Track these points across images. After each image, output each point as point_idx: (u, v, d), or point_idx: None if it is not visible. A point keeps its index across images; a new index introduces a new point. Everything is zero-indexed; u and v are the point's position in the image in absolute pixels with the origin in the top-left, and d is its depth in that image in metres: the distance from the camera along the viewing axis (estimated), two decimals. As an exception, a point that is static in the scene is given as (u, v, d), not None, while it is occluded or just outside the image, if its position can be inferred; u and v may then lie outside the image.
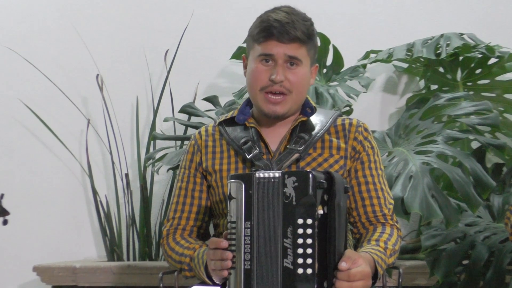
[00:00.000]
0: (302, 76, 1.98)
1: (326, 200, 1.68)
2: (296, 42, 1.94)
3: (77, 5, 3.54)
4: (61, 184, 3.48)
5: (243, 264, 1.69)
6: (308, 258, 1.63)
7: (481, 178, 2.54)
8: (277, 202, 1.68)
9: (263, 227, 1.69)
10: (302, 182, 1.66)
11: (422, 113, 2.93)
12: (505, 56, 3.07)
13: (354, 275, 1.63)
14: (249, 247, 1.69)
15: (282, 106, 1.96)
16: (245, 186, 1.71)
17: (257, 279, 1.68)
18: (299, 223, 1.65)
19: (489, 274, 2.51)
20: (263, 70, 1.96)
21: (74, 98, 3.43)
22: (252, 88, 2.00)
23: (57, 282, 3.03)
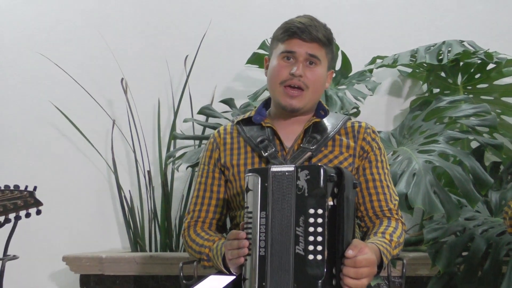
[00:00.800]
0: (319, 75, 2.01)
1: (336, 192, 1.69)
2: (317, 43, 1.98)
3: (104, 14, 3.58)
4: (88, 181, 3.52)
5: (258, 251, 1.70)
6: (318, 246, 1.64)
7: (480, 175, 2.53)
8: (290, 193, 1.70)
9: (277, 217, 1.70)
10: (314, 175, 1.67)
11: (425, 115, 2.92)
12: (503, 62, 3.06)
13: (360, 262, 1.64)
14: (264, 235, 1.70)
15: (299, 101, 1.99)
16: (261, 179, 1.73)
17: (271, 264, 1.69)
18: (311, 213, 1.66)
19: (487, 265, 2.50)
20: (284, 65, 2.00)
21: (100, 100, 3.47)
22: (273, 82, 2.02)
23: (84, 271, 3.06)
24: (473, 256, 2.52)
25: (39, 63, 3.51)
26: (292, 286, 1.66)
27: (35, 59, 3.51)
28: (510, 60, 3.09)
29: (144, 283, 3.02)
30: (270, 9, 3.44)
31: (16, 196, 2.07)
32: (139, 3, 3.58)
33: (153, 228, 3.32)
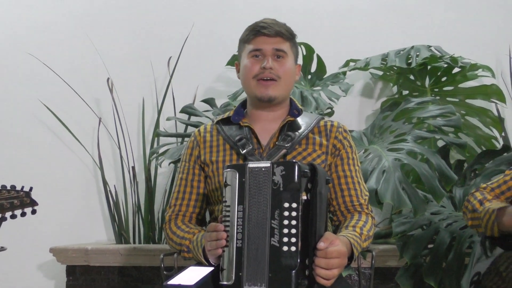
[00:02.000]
0: (288, 66, 2.03)
1: (309, 188, 1.69)
2: (280, 37, 2.01)
3: (91, 16, 3.55)
4: (75, 176, 3.49)
5: (235, 242, 1.69)
6: (293, 238, 1.63)
7: (445, 172, 2.56)
8: (266, 188, 1.69)
9: (253, 210, 1.70)
10: (289, 171, 1.67)
11: (395, 115, 2.94)
12: (467, 66, 3.11)
13: (331, 253, 1.64)
14: (241, 227, 1.70)
15: (273, 89, 1.99)
16: (239, 174, 1.72)
17: (247, 255, 1.68)
18: (285, 207, 1.66)
19: (451, 256, 2.52)
20: (254, 62, 2.02)
21: (87, 99, 3.44)
22: (246, 79, 2.04)
23: (71, 262, 3.04)
24: (438, 248, 2.54)
25: (28, 62, 3.46)
26: (267, 276, 1.65)
27: (25, 59, 3.47)
28: (473, 64, 3.13)
29: (128, 274, 3.00)
30: (250, 13, 3.38)
31: (13, 195, 2.06)
32: (125, 6, 3.56)
33: (137, 221, 3.30)
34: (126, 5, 3.56)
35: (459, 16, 3.37)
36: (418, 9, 3.41)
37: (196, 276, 1.82)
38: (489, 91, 3.17)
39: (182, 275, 1.84)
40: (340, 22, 3.44)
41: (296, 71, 2.10)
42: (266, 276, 1.65)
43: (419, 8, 3.41)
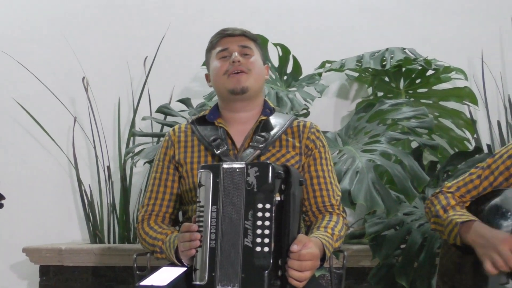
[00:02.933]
0: (256, 61, 2.07)
1: (283, 189, 1.70)
2: (244, 36, 2.07)
3: (67, 15, 3.53)
4: (50, 175, 3.47)
5: (208, 243, 1.70)
6: (266, 238, 1.65)
7: (417, 173, 2.57)
8: (240, 189, 1.70)
9: (227, 211, 1.70)
10: (263, 172, 1.68)
11: (369, 116, 2.95)
12: (440, 69, 3.13)
13: (304, 256, 1.66)
14: (214, 228, 1.70)
15: (245, 80, 2.01)
16: (213, 175, 1.73)
17: (221, 256, 1.69)
18: (259, 207, 1.67)
19: (422, 256, 2.53)
20: (223, 62, 2.05)
21: (62, 98, 3.42)
22: (217, 77, 2.06)
23: (44, 262, 3.02)
24: (410, 249, 2.55)
25: (3, 61, 3.43)
26: (240, 276, 1.66)
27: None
28: (447, 67, 3.16)
29: (102, 274, 3.00)
30: (226, 14, 3.45)
31: None
32: (101, 5, 3.54)
33: (112, 221, 3.29)
34: (102, 4, 3.54)
35: (432, 19, 3.41)
36: (393, 12, 3.44)
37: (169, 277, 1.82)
38: (462, 94, 3.20)
39: (155, 276, 1.84)
40: (316, 23, 3.46)
41: (264, 70, 2.13)
42: (239, 277, 1.66)
43: (394, 11, 3.44)
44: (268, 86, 3.15)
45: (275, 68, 3.32)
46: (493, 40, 3.32)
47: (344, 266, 2.06)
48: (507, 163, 1.87)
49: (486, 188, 1.91)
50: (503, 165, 1.88)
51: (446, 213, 1.90)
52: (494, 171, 1.90)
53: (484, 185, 1.92)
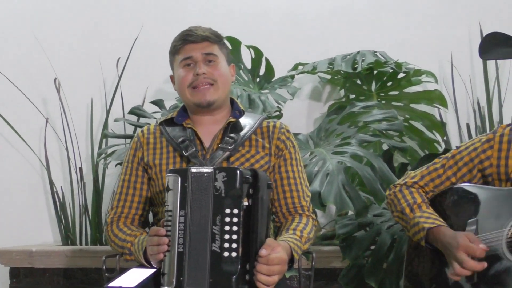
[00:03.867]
0: (221, 69, 2.04)
1: (251, 193, 1.71)
2: (207, 41, 2.03)
3: (38, 15, 3.51)
4: (21, 176, 3.45)
5: (176, 247, 1.71)
6: (233, 243, 1.66)
7: (387, 175, 2.58)
8: (208, 194, 1.71)
9: (195, 216, 1.71)
10: (231, 177, 1.69)
11: (340, 118, 2.96)
12: (411, 72, 3.16)
13: (273, 260, 1.67)
14: (182, 232, 1.71)
15: (210, 94, 2.01)
16: (181, 179, 1.73)
17: (189, 260, 1.70)
18: (227, 213, 1.68)
19: (391, 257, 2.55)
20: (187, 71, 2.03)
21: (34, 99, 3.40)
22: (182, 88, 2.05)
23: (14, 264, 3.00)
24: (379, 249, 2.57)
25: (-27, 62, 3.41)
26: (208, 281, 1.67)
27: (-31, 58, 3.41)
28: (417, 70, 3.19)
29: (74, 276, 2.99)
30: (200, 15, 3.45)
31: None
32: (72, 5, 3.52)
33: (84, 222, 3.28)
34: (74, 4, 3.52)
35: (403, 22, 3.44)
36: (364, 15, 3.46)
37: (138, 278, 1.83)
38: (432, 96, 3.23)
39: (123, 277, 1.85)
40: (289, 26, 3.47)
41: (231, 71, 2.11)
42: (207, 281, 1.68)
43: (366, 14, 3.46)
44: (240, 88, 3.16)
45: (247, 70, 3.33)
46: (462, 44, 3.36)
47: (313, 268, 2.05)
48: (472, 154, 1.90)
49: (449, 177, 1.94)
50: (468, 156, 1.91)
51: (413, 212, 1.92)
52: (458, 162, 1.92)
53: (447, 174, 1.94)
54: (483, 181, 1.90)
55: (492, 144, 1.86)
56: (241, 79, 3.28)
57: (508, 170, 1.82)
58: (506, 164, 1.83)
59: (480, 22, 3.28)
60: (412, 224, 1.91)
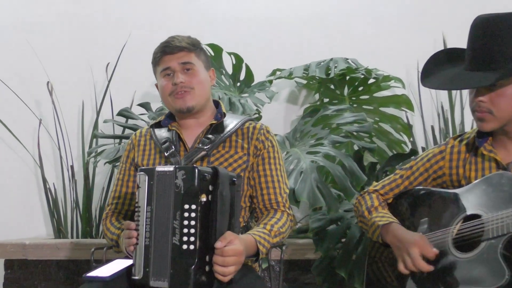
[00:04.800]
0: (199, 76, 2.05)
1: (210, 190, 1.72)
2: (183, 51, 2.04)
3: (31, 21, 3.51)
4: (16, 173, 3.45)
5: (144, 241, 1.74)
6: (191, 237, 1.68)
7: (356, 174, 2.63)
8: (170, 191, 1.73)
9: (159, 211, 1.74)
10: (189, 175, 1.71)
11: (314, 121, 3.00)
12: (380, 78, 3.20)
13: (227, 252, 1.68)
14: (149, 227, 1.74)
15: (189, 99, 2.03)
16: (148, 177, 1.76)
17: (154, 253, 1.72)
18: (185, 208, 1.70)
19: (360, 249, 2.58)
20: (167, 80, 2.05)
21: (28, 101, 3.41)
22: (164, 97, 2.08)
23: (9, 256, 3.00)
24: (349, 242, 2.60)
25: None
26: (169, 272, 1.69)
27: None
28: (386, 76, 3.23)
29: (65, 267, 2.99)
30: (184, 24, 3.47)
31: None
32: (64, 12, 3.52)
33: (75, 217, 3.29)
34: (66, 11, 3.53)
35: (374, 31, 3.47)
36: (337, 25, 3.49)
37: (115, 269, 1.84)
38: (400, 101, 3.27)
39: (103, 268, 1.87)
40: (268, 34, 3.50)
41: (210, 76, 2.13)
42: (168, 272, 1.70)
43: (338, 24, 3.49)
44: (222, 92, 3.19)
45: (228, 75, 3.36)
46: (427, 52, 3.23)
47: (282, 260, 2.06)
48: (426, 165, 1.96)
49: (406, 186, 2.00)
50: (423, 167, 1.97)
51: (370, 214, 1.98)
52: (415, 172, 1.98)
53: (405, 184, 2.00)
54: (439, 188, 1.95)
55: (444, 155, 1.92)
56: (222, 83, 3.30)
57: (459, 178, 1.87)
58: (457, 172, 1.88)
59: (443, 33, 3.34)
60: (370, 224, 1.96)
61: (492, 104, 1.72)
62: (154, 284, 1.72)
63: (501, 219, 1.62)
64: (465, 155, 1.87)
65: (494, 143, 1.81)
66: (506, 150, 1.79)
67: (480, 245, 1.66)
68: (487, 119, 1.74)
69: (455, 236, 1.75)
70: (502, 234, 1.61)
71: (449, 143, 1.93)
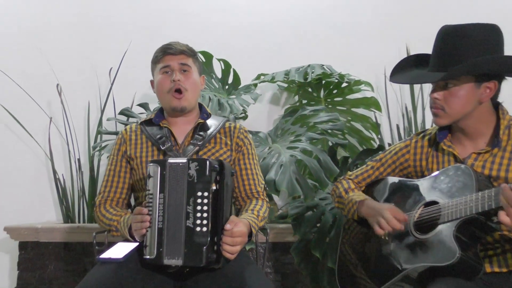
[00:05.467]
0: (193, 78, 2.07)
1: (218, 180, 1.74)
2: (184, 54, 2.06)
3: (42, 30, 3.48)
4: (29, 166, 3.43)
5: (157, 224, 1.74)
6: (204, 220, 1.70)
7: (329, 166, 2.64)
8: (183, 180, 1.74)
9: (172, 198, 1.74)
10: (202, 166, 1.73)
11: (293, 120, 3.01)
12: (352, 82, 3.20)
13: (235, 233, 1.72)
14: (162, 212, 1.74)
15: (184, 100, 2.04)
16: (160, 168, 1.77)
17: (167, 234, 1.73)
18: (198, 195, 1.71)
19: (332, 233, 2.60)
20: (165, 78, 2.06)
21: (39, 101, 3.39)
22: (161, 93, 2.08)
23: (23, 238, 3.01)
24: (323, 227, 2.62)
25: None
26: (183, 251, 1.71)
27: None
28: (357, 81, 3.23)
29: (73, 248, 3.00)
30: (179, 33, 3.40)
31: None
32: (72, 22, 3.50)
33: (81, 204, 3.28)
34: (73, 21, 3.51)
35: (346, 41, 3.48)
36: (314, 35, 3.50)
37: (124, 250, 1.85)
38: (369, 102, 3.29)
39: (112, 250, 1.87)
40: (253, 42, 3.49)
41: (201, 81, 2.14)
42: (182, 251, 1.71)
43: (315, 34, 3.50)
44: (212, 93, 3.18)
45: (218, 79, 3.35)
46: (393, 60, 3.20)
47: (267, 241, 2.10)
48: (393, 158, 1.98)
49: (377, 176, 2.02)
50: (391, 159, 1.98)
51: (347, 194, 2.00)
52: (384, 164, 2.00)
53: (375, 175, 2.02)
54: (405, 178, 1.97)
55: (409, 149, 1.94)
56: (212, 86, 3.29)
57: (422, 169, 1.89)
58: (420, 164, 1.90)
59: (407, 43, 3.35)
60: (347, 202, 1.97)
61: (445, 102, 1.73)
62: (168, 262, 1.73)
63: (455, 205, 1.64)
64: (427, 149, 1.88)
65: (452, 139, 1.82)
66: (463, 145, 1.80)
67: (437, 227, 1.68)
68: (440, 115, 1.75)
69: (416, 219, 1.77)
70: (456, 218, 1.63)
71: (413, 139, 1.94)
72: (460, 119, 1.75)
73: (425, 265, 1.65)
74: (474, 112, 1.73)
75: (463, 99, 1.70)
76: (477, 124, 1.75)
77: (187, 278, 1.81)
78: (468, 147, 1.77)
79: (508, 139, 1.71)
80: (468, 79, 1.69)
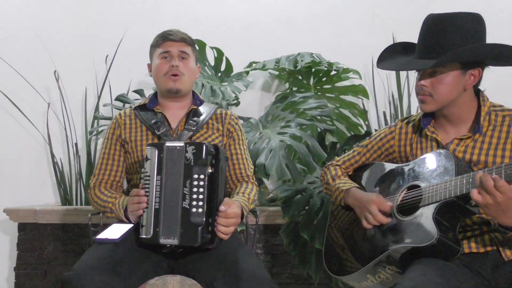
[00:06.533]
0: (190, 66, 2.08)
1: (213, 163, 1.75)
2: (184, 42, 2.06)
3: (41, 18, 3.44)
4: (29, 150, 3.41)
5: (154, 205, 1.75)
6: (200, 201, 1.71)
7: (317, 151, 2.63)
8: (180, 162, 1.75)
9: (169, 180, 1.75)
10: (198, 150, 1.74)
11: (283, 106, 3.00)
12: (340, 70, 3.19)
13: (229, 214, 1.73)
14: (158, 193, 1.75)
15: (180, 83, 2.04)
16: (158, 151, 1.77)
17: (164, 215, 1.74)
18: (195, 177, 1.72)
19: (320, 215, 2.62)
20: (164, 62, 2.06)
21: (38, 87, 3.36)
22: (158, 76, 2.07)
23: (22, 220, 3.00)
24: (311, 210, 2.63)
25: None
26: (179, 231, 1.72)
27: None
28: (346, 69, 3.22)
29: (70, 230, 3.00)
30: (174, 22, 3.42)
31: None
32: (70, 9, 3.46)
33: (79, 187, 3.27)
34: (71, 9, 3.47)
35: (335, 31, 3.46)
36: (304, 24, 3.47)
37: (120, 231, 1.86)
38: (357, 90, 3.28)
39: (108, 231, 1.87)
40: (245, 31, 3.47)
41: (196, 70, 2.14)
42: (178, 231, 1.72)
43: (305, 23, 3.47)
44: (205, 80, 3.17)
45: (211, 67, 3.33)
46: (380, 49, 3.20)
47: (257, 222, 2.12)
48: (379, 143, 1.98)
49: (364, 162, 2.03)
50: (376, 145, 1.99)
51: (334, 181, 2.00)
52: (370, 150, 2.00)
53: (362, 160, 2.03)
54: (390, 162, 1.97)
55: (394, 135, 1.94)
56: (205, 73, 3.27)
57: (406, 154, 1.90)
58: (405, 150, 1.90)
59: (393, 33, 3.33)
60: (334, 190, 1.97)
61: (432, 89, 1.73)
62: (164, 242, 1.73)
63: (435, 189, 1.65)
64: (411, 135, 1.89)
65: (436, 125, 1.82)
66: (445, 131, 1.80)
67: (418, 210, 1.68)
68: (427, 101, 1.75)
69: (399, 202, 1.77)
70: (435, 201, 1.64)
71: (397, 125, 1.94)
72: (445, 106, 1.75)
73: (406, 246, 1.66)
74: (458, 99, 1.73)
75: (450, 85, 1.70)
76: (460, 110, 1.75)
77: (180, 258, 1.81)
78: (451, 133, 1.78)
79: (489, 125, 1.72)
80: (455, 67, 1.69)
